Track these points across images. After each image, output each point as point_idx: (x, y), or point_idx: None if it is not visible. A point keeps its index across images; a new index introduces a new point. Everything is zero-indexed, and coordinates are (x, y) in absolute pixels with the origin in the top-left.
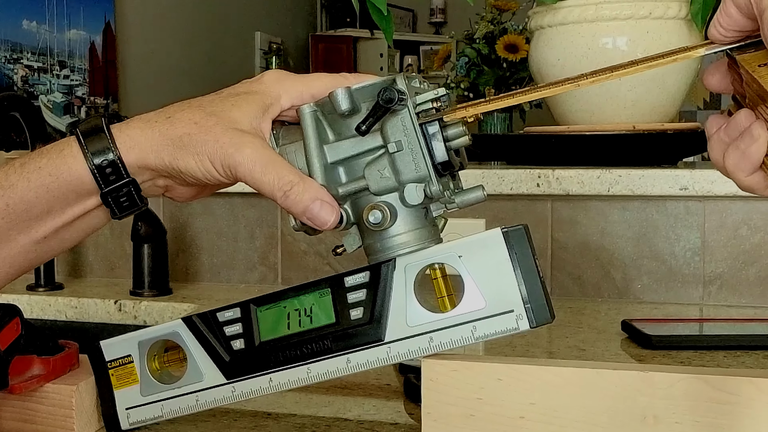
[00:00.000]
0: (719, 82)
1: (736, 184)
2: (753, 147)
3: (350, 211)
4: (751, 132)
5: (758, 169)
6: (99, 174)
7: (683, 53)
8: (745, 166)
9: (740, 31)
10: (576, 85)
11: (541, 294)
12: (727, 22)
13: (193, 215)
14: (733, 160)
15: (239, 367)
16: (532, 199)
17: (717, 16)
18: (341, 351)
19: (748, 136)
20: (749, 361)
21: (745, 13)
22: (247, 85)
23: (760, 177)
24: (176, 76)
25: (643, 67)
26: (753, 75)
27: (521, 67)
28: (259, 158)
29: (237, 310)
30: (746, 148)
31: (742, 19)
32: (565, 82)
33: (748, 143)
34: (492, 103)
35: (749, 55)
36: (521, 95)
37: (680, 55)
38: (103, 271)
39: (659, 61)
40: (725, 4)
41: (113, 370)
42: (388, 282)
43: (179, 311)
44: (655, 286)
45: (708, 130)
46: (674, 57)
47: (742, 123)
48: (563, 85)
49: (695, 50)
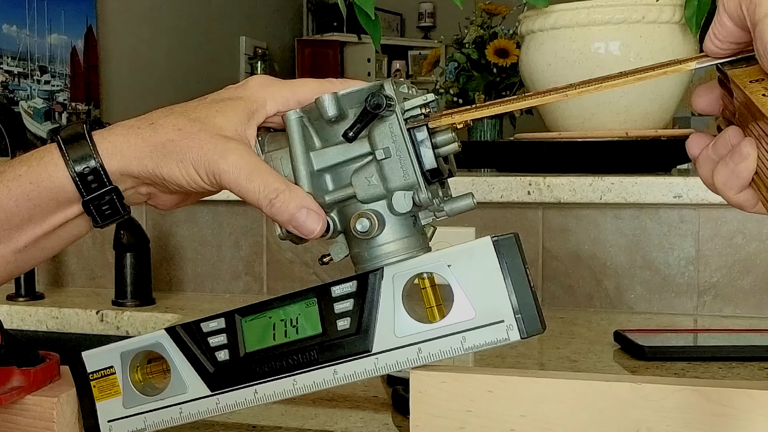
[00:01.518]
0: (708, 104)
1: (726, 201)
2: (742, 165)
3: (337, 219)
4: (740, 150)
5: (748, 186)
6: (80, 182)
7: (674, 66)
8: (734, 184)
9: (736, 43)
10: (564, 95)
11: (532, 304)
12: (722, 33)
13: (177, 223)
14: (723, 178)
15: (224, 378)
16: (523, 207)
17: (712, 27)
18: (328, 362)
19: (737, 154)
20: (745, 372)
21: (738, 24)
22: (232, 90)
23: (749, 194)
24: (159, 81)
25: (632, 79)
26: (744, 91)
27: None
28: (244, 165)
29: (221, 321)
30: (735, 166)
31: (737, 30)
32: (553, 91)
33: (737, 161)
34: (479, 110)
35: (741, 71)
36: (508, 103)
37: (671, 68)
38: (85, 280)
39: (649, 73)
40: (719, 14)
41: (95, 381)
42: (375, 292)
43: (162, 321)
44: (649, 296)
45: (690, 150)
46: (665, 69)
47: (731, 140)
48: (551, 94)
49: (686, 63)
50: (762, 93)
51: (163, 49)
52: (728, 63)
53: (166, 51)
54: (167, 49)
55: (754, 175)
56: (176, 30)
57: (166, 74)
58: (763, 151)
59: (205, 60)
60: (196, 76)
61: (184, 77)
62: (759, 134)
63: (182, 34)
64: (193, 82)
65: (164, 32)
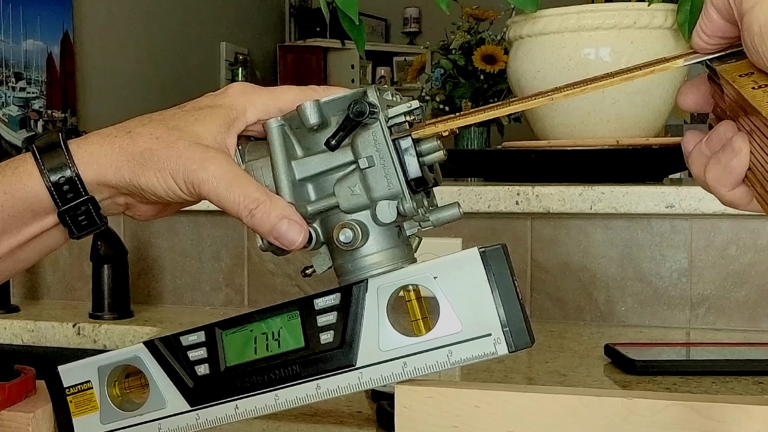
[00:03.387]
0: (695, 101)
1: (719, 200)
2: (734, 160)
3: (320, 230)
4: (732, 145)
5: (741, 183)
6: (56, 192)
7: (661, 65)
8: (727, 181)
9: (724, 38)
10: (550, 99)
11: (520, 317)
12: (709, 27)
13: (156, 234)
14: (715, 174)
15: (204, 393)
16: (511, 218)
17: (699, 22)
18: (311, 376)
19: (730, 150)
20: (738, 387)
21: (726, 17)
22: (212, 98)
23: (742, 192)
24: (138, 88)
25: (618, 79)
26: (734, 86)
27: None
28: (224, 175)
29: (201, 334)
30: (728, 161)
31: (724, 24)
32: (539, 95)
33: (729, 156)
34: (464, 117)
35: (729, 66)
36: (493, 110)
37: (658, 67)
38: (61, 292)
39: (636, 73)
40: (706, 8)
41: (72, 396)
42: (359, 304)
43: (141, 335)
44: (640, 309)
45: (685, 146)
46: (652, 69)
47: (724, 135)
48: (537, 98)
49: (674, 61)
50: (751, 87)
51: (141, 56)
52: (717, 59)
53: (144, 57)
54: (146, 55)
55: (747, 171)
56: (155, 36)
57: (145, 81)
58: (756, 146)
59: (184, 67)
60: (175, 83)
61: (162, 84)
62: (751, 129)
63: (161, 40)
64: (172, 90)
65: (143, 38)
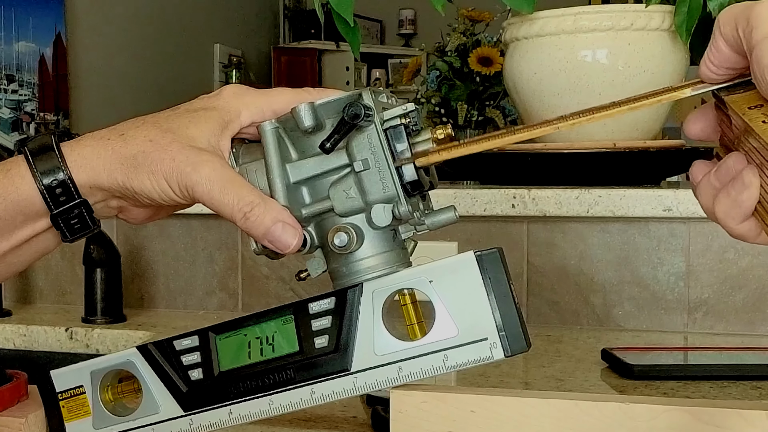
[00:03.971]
0: (702, 130)
1: (727, 232)
2: (744, 194)
3: (314, 233)
4: (742, 178)
5: (750, 216)
6: (49, 195)
7: (668, 93)
8: (736, 214)
9: (732, 69)
10: (555, 127)
11: (517, 321)
12: (717, 58)
13: (149, 238)
14: (724, 207)
15: (197, 398)
16: (507, 221)
17: (707, 52)
18: (305, 381)
19: (740, 183)
20: (736, 392)
21: (735, 48)
22: (205, 100)
23: (752, 225)
24: (131, 90)
25: (626, 108)
26: (743, 118)
27: (495, 81)
28: (218, 178)
29: (195, 338)
30: (737, 195)
31: (733, 55)
32: (544, 124)
33: (739, 190)
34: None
35: (738, 96)
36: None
37: (665, 96)
38: (54, 296)
39: (643, 102)
40: (714, 38)
41: (64, 401)
42: (354, 308)
43: (134, 339)
44: (637, 313)
45: (693, 176)
46: (659, 98)
47: (733, 168)
48: (542, 127)
49: (681, 90)
50: (762, 120)
51: (134, 57)
52: (725, 88)
53: (137, 59)
54: (139, 57)
55: (756, 204)
56: (148, 37)
57: (138, 83)
58: (766, 180)
59: (178, 68)
60: (169, 85)
61: (156, 86)
62: (761, 162)
63: (154, 41)
64: (165, 92)
65: (136, 40)
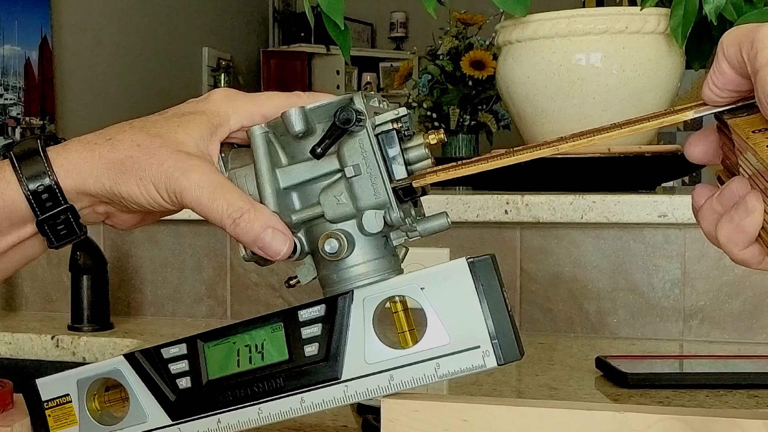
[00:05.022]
0: (704, 152)
1: (730, 257)
2: (748, 220)
3: (304, 239)
4: (746, 203)
5: (753, 242)
6: (35, 200)
7: (671, 116)
8: (739, 240)
9: (735, 91)
10: (555, 149)
11: (510, 329)
12: (720, 80)
13: (136, 244)
14: (727, 232)
15: (185, 407)
16: (500, 227)
17: (710, 73)
18: (295, 390)
19: (743, 208)
20: (733, 400)
21: (738, 71)
22: (194, 104)
23: (755, 250)
24: (118, 94)
25: (627, 130)
26: (747, 142)
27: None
28: (207, 183)
29: (183, 346)
30: (741, 220)
31: (736, 78)
32: (543, 145)
33: (742, 215)
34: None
35: (742, 120)
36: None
37: (667, 119)
38: (40, 304)
39: (645, 124)
40: (718, 61)
41: (50, 410)
42: (345, 316)
43: (121, 347)
44: (632, 321)
45: (695, 201)
46: (661, 120)
47: (736, 193)
48: (541, 149)
49: (683, 113)
50: (766, 144)
51: (121, 61)
52: (728, 111)
53: (124, 63)
54: (126, 60)
55: (760, 230)
56: (135, 41)
57: (125, 87)
58: None
59: (165, 72)
60: (157, 89)
61: (143, 90)
62: (765, 187)
63: (142, 45)
64: (153, 96)
65: (123, 43)
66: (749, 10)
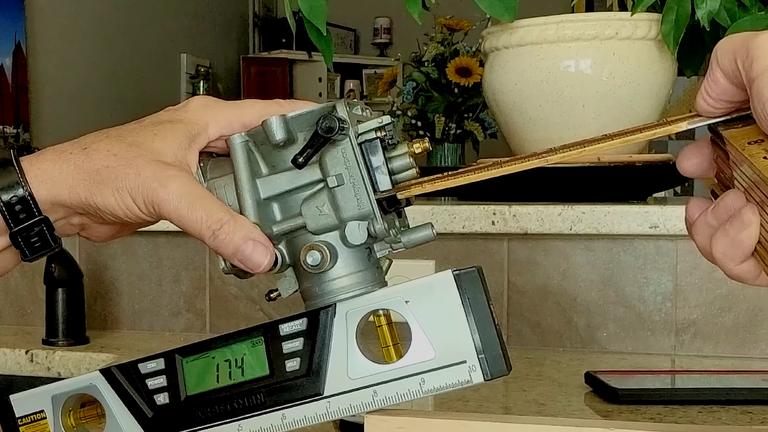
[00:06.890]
0: (698, 165)
1: (725, 273)
2: (744, 233)
3: (286, 251)
4: (741, 217)
5: (749, 257)
6: (8, 212)
7: (663, 127)
8: (735, 255)
9: (730, 102)
10: (544, 161)
11: (497, 343)
12: (715, 91)
13: (112, 256)
14: (722, 247)
15: (163, 423)
16: (487, 239)
17: (704, 84)
18: (276, 406)
19: (739, 222)
20: (726, 417)
21: (733, 81)
22: (172, 112)
23: (751, 265)
24: (94, 102)
25: (618, 141)
26: (743, 154)
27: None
28: (186, 194)
29: (161, 361)
30: (736, 234)
31: (731, 88)
32: (532, 157)
33: (738, 229)
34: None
35: (737, 131)
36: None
37: (660, 130)
38: (13, 317)
39: (637, 135)
40: (712, 70)
41: (24, 427)
42: (327, 330)
43: (97, 362)
44: (623, 335)
45: (689, 215)
46: (653, 131)
47: (731, 206)
48: (530, 160)
49: (677, 124)
50: (763, 156)
51: (97, 68)
52: (722, 123)
53: (101, 69)
54: (102, 67)
55: (756, 244)
56: (112, 47)
57: (102, 95)
58: (766, 219)
59: (143, 79)
60: (134, 96)
61: (120, 98)
62: (761, 200)
63: (118, 51)
64: (130, 103)
65: (99, 49)
66: (743, 16)
